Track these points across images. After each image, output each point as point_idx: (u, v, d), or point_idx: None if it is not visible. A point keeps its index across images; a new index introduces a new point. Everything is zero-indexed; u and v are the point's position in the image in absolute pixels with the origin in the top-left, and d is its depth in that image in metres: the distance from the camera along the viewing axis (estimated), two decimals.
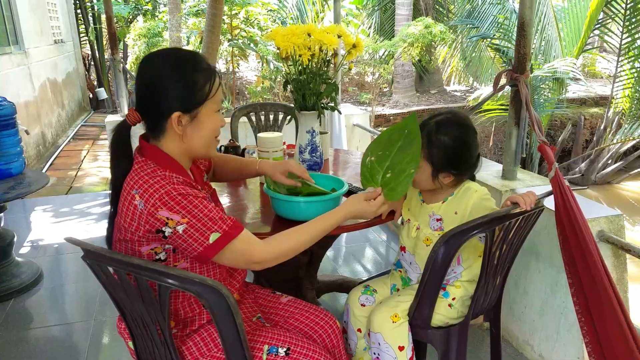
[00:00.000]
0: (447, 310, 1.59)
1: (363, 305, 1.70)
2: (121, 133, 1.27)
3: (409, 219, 1.67)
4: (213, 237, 1.17)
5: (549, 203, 1.64)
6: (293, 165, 1.57)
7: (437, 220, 1.58)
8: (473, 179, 1.62)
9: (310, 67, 1.89)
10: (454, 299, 1.59)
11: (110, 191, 1.29)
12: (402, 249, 1.70)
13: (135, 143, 1.29)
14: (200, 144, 1.27)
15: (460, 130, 1.51)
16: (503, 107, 6.70)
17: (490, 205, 1.52)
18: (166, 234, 1.15)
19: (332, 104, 2.01)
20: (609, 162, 7.36)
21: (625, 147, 7.30)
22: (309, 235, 1.32)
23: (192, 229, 1.15)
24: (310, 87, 1.91)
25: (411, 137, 1.41)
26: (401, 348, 1.54)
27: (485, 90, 7.65)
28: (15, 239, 2.85)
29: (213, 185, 1.51)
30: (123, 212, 1.19)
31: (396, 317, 1.55)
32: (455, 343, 1.57)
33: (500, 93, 2.44)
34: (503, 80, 2.21)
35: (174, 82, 1.20)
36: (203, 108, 1.23)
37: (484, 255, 1.44)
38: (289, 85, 1.97)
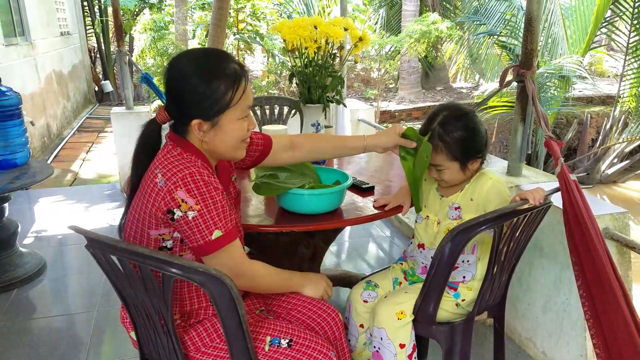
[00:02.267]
0: (453, 308, 1.58)
1: (366, 301, 1.69)
2: (150, 131, 1.27)
3: (427, 216, 1.66)
4: (216, 234, 1.17)
5: (556, 199, 1.63)
6: (402, 141, 1.51)
7: (456, 208, 1.58)
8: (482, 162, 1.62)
9: (316, 60, 1.88)
10: (463, 300, 1.58)
11: (131, 179, 1.28)
12: (421, 246, 1.68)
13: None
14: (224, 149, 1.26)
15: (464, 121, 1.53)
16: (508, 104, 6.68)
17: (505, 194, 1.53)
18: (175, 216, 1.16)
19: (338, 97, 2.00)
20: (615, 161, 7.32)
21: (631, 147, 7.26)
22: (273, 287, 1.41)
23: (200, 218, 1.15)
24: (316, 80, 1.90)
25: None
26: (402, 346, 1.53)
27: (490, 86, 7.62)
28: (19, 229, 2.86)
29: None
30: (143, 190, 1.20)
31: (402, 315, 1.54)
32: (460, 339, 1.57)
33: (505, 89, 2.42)
34: (509, 76, 2.20)
35: (193, 90, 1.18)
36: (225, 116, 1.21)
37: (491, 251, 1.44)
38: (294, 78, 1.96)
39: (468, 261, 1.60)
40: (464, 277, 1.60)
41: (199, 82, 1.18)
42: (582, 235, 1.46)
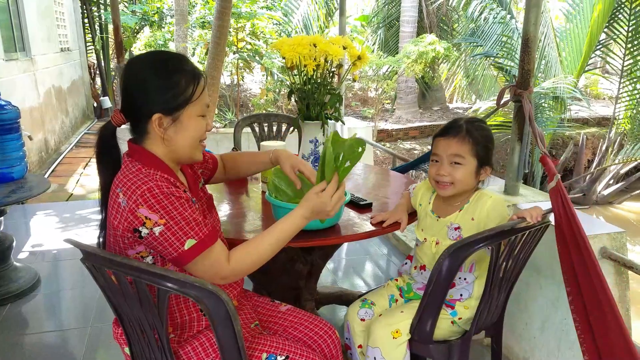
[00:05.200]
0: (449, 327, 1.57)
1: (363, 319, 1.67)
2: (106, 134, 1.26)
3: (425, 238, 1.65)
4: (189, 243, 1.14)
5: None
6: (306, 167, 1.50)
7: (456, 229, 1.58)
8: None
9: (315, 77, 1.90)
10: (460, 318, 1.58)
11: (100, 188, 1.27)
12: (422, 267, 1.68)
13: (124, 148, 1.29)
14: (183, 147, 1.24)
15: (486, 126, 1.58)
16: (503, 124, 6.73)
17: (504, 213, 1.53)
18: (142, 234, 1.13)
19: (336, 115, 2.02)
20: (611, 182, 7.36)
21: (626, 168, 7.30)
22: (271, 249, 1.26)
23: (168, 231, 1.13)
24: (315, 97, 1.92)
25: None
26: None
27: (484, 105, 7.68)
28: (14, 244, 2.84)
29: (211, 191, 1.50)
30: (110, 211, 1.19)
31: (397, 333, 1.52)
32: (457, 358, 1.55)
33: (500, 109, 2.45)
34: (507, 96, 2.22)
35: (154, 83, 1.18)
36: (185, 111, 1.20)
37: (489, 269, 1.43)
38: (293, 95, 1.97)
39: (465, 279, 1.59)
40: (461, 295, 1.60)
41: (161, 75, 1.18)
42: (577, 250, 1.46)
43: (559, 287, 1.92)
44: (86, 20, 10.48)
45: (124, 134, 1.30)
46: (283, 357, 1.28)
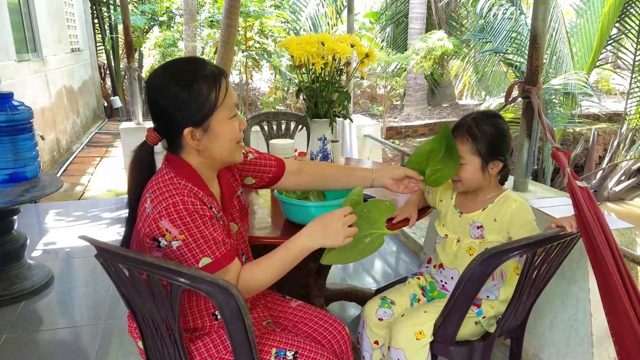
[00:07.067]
0: (472, 327, 1.56)
1: (381, 319, 1.66)
2: (142, 153, 1.25)
3: (446, 235, 1.65)
4: (203, 261, 1.16)
5: None
6: (410, 172, 1.54)
7: (478, 227, 1.57)
8: (505, 179, 1.64)
9: (323, 75, 1.91)
10: (484, 317, 1.57)
11: (127, 196, 1.27)
12: (440, 266, 1.67)
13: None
14: (221, 153, 1.24)
15: (496, 120, 1.57)
16: (514, 120, 6.69)
17: (529, 217, 1.52)
18: (161, 244, 1.15)
19: (344, 112, 2.03)
20: (622, 178, 7.29)
21: (638, 164, 7.23)
22: (277, 269, 1.27)
23: (185, 247, 1.14)
24: (323, 95, 1.93)
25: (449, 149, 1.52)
26: None
27: (495, 102, 7.64)
28: (27, 242, 2.88)
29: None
30: (139, 213, 1.20)
31: (421, 334, 1.51)
32: None
33: (509, 106, 2.44)
34: (515, 92, 2.22)
35: (178, 99, 1.16)
36: (214, 117, 1.19)
37: (521, 277, 1.40)
38: (301, 93, 1.99)
39: (495, 285, 1.60)
40: (487, 296, 1.60)
41: (181, 89, 1.16)
42: (590, 244, 1.45)
43: (568, 284, 1.92)
44: (96, 21, 10.57)
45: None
46: (292, 352, 1.30)
